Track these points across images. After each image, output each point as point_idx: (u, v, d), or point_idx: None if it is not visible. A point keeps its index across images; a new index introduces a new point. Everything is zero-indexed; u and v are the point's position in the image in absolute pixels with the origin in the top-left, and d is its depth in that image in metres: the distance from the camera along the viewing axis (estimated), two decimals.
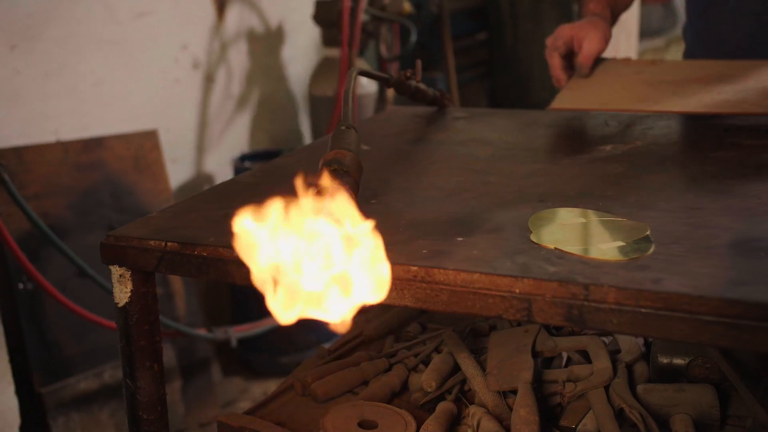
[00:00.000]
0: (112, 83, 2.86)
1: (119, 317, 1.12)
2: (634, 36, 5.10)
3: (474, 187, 1.25)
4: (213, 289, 3.30)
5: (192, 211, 1.21)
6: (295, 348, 3.16)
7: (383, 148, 1.53)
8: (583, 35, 1.66)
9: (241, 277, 1.02)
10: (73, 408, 2.54)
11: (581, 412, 1.17)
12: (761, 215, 1.06)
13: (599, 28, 1.68)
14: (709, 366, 1.19)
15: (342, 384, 1.31)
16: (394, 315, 1.53)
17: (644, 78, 1.56)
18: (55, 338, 2.54)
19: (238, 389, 3.10)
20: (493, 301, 0.90)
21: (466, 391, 1.27)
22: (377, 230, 0.79)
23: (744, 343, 0.80)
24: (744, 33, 1.76)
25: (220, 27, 3.31)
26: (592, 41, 1.66)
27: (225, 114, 3.38)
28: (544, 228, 1.04)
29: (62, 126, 2.70)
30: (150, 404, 1.14)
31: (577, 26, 1.69)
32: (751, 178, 1.23)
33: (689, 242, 0.97)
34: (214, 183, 3.29)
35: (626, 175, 1.27)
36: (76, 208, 2.64)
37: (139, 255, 1.08)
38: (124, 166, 2.78)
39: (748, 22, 1.74)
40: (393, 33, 3.63)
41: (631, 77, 1.58)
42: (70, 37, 2.71)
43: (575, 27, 1.68)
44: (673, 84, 1.51)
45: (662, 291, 0.84)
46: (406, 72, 1.63)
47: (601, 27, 1.69)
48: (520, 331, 1.33)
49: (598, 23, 1.69)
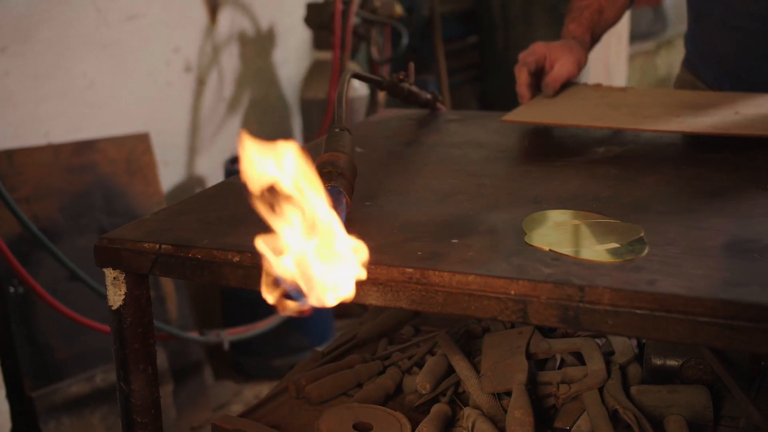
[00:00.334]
0: (104, 86, 2.85)
1: (113, 320, 1.12)
2: (625, 39, 5.12)
3: (468, 189, 1.25)
4: (204, 292, 3.29)
5: (186, 213, 1.20)
6: (287, 351, 3.15)
7: (377, 151, 1.54)
8: (556, 56, 1.63)
9: (235, 279, 1.02)
10: (64, 412, 2.52)
11: (575, 414, 1.17)
12: (754, 217, 1.06)
13: (574, 53, 1.65)
14: (702, 367, 1.20)
15: (336, 386, 1.31)
16: (388, 318, 1.53)
17: (608, 101, 1.54)
18: (46, 342, 2.53)
19: (231, 392, 3.10)
20: (489, 303, 0.91)
21: (460, 393, 1.27)
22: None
23: (739, 344, 0.80)
24: (731, 43, 1.77)
25: (212, 30, 3.30)
26: (564, 64, 1.63)
27: (217, 117, 3.38)
28: (538, 230, 1.04)
29: (53, 128, 2.69)
30: (144, 407, 1.14)
31: (552, 46, 1.66)
32: (744, 180, 1.23)
33: (683, 244, 0.97)
34: (205, 186, 3.28)
35: (620, 177, 1.28)
36: (68, 211, 2.63)
37: (133, 257, 1.08)
38: (115, 169, 2.78)
39: (734, 34, 1.75)
40: (384, 36, 3.63)
41: (595, 100, 1.56)
42: (62, 40, 2.70)
43: (550, 47, 1.65)
44: (634, 107, 1.49)
45: (657, 292, 0.84)
46: (399, 74, 1.63)
47: (576, 52, 1.66)
48: (513, 333, 1.33)
49: (574, 47, 1.67)
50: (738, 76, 1.79)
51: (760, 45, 1.73)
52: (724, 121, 1.33)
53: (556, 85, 1.62)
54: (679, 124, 1.31)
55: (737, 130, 1.26)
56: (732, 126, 1.28)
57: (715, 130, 1.27)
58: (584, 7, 1.74)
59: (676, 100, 1.53)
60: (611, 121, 1.37)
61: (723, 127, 1.28)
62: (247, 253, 1.01)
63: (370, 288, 0.95)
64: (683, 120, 1.35)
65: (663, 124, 1.32)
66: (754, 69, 1.76)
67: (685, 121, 1.34)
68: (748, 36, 1.72)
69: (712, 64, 1.85)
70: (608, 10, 1.75)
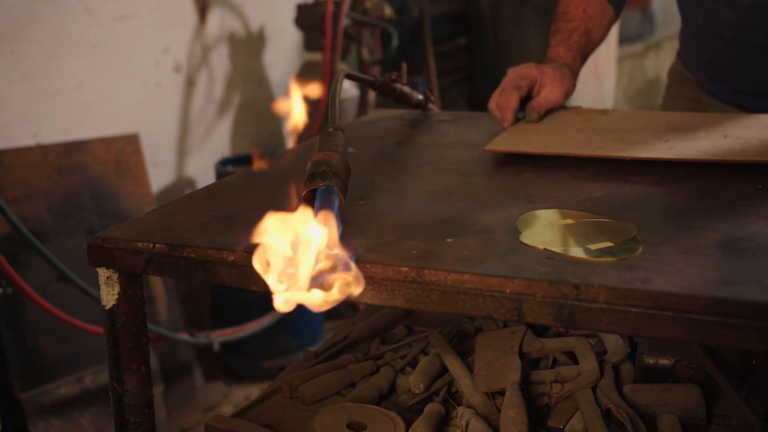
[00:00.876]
0: (93, 87, 2.84)
1: (106, 320, 1.11)
2: (614, 42, 5.14)
3: (461, 189, 1.26)
4: (194, 293, 3.29)
5: (179, 213, 1.20)
6: (277, 352, 3.15)
7: (369, 151, 1.54)
8: (546, 82, 1.59)
9: (230, 278, 1.01)
10: (53, 413, 2.51)
11: (569, 413, 1.18)
12: (747, 216, 1.07)
13: (564, 83, 1.61)
14: (694, 366, 1.20)
15: (329, 386, 1.31)
16: (380, 318, 1.53)
17: (592, 126, 1.53)
18: (35, 343, 2.51)
19: (220, 394, 3.09)
20: (484, 302, 0.91)
21: (453, 392, 1.27)
22: None
23: (734, 342, 0.81)
24: (713, 48, 1.78)
25: (202, 31, 3.30)
26: (552, 91, 1.59)
27: (206, 118, 3.37)
28: (532, 229, 1.05)
29: (43, 129, 2.68)
30: (138, 407, 1.14)
31: (544, 71, 1.60)
32: (737, 179, 1.24)
33: (676, 242, 0.98)
34: (195, 187, 3.28)
35: (611, 177, 1.28)
36: (57, 211, 2.62)
37: (126, 257, 1.08)
38: (105, 169, 2.77)
39: (715, 40, 1.76)
40: (375, 37, 3.63)
41: (579, 125, 1.54)
42: (51, 40, 2.69)
43: (543, 71, 1.60)
44: (620, 131, 1.48)
45: (652, 290, 0.84)
46: (392, 74, 1.63)
47: (566, 81, 1.62)
48: (506, 332, 1.34)
49: (566, 77, 1.62)
50: (723, 79, 1.80)
51: (742, 51, 1.73)
52: (715, 146, 1.34)
53: (541, 111, 1.58)
54: (669, 151, 1.32)
55: (731, 157, 1.27)
56: (725, 152, 1.29)
57: (707, 156, 1.28)
58: (572, 29, 1.69)
59: (662, 123, 1.52)
60: (599, 148, 1.37)
61: (715, 153, 1.29)
62: (242, 253, 1.00)
63: (366, 287, 0.95)
64: (673, 145, 1.35)
65: (653, 151, 1.32)
66: (737, 74, 1.77)
67: (675, 147, 1.34)
68: (730, 43, 1.73)
69: (699, 65, 1.86)
70: (594, 31, 1.72)
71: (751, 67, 1.74)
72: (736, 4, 1.69)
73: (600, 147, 1.37)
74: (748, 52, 1.73)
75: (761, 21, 1.68)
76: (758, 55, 1.72)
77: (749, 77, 1.76)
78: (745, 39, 1.71)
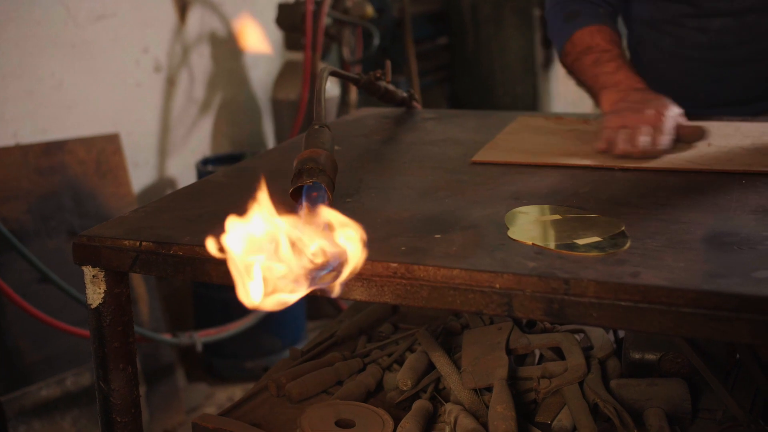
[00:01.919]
0: (73, 86, 2.82)
1: (92, 319, 1.10)
2: None
3: (448, 186, 1.26)
4: (176, 294, 3.27)
5: (165, 210, 1.19)
6: (260, 353, 3.14)
7: (355, 149, 1.54)
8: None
9: (218, 275, 1.01)
10: (34, 416, 2.49)
11: (556, 408, 1.18)
12: (731, 211, 1.08)
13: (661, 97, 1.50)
14: (680, 360, 1.21)
15: (317, 384, 1.30)
16: (366, 315, 1.53)
17: (576, 134, 1.54)
18: (16, 345, 2.49)
19: (203, 395, 3.07)
20: (474, 297, 0.91)
21: (441, 389, 1.27)
22: None
23: (722, 334, 0.81)
24: (681, 70, 1.76)
25: (182, 30, 3.28)
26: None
27: (187, 117, 3.36)
28: (520, 224, 1.05)
29: (21, 129, 2.65)
30: (124, 407, 1.13)
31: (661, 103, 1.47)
32: (722, 174, 1.25)
33: (664, 237, 0.99)
34: (177, 187, 3.26)
35: (597, 173, 1.29)
36: (36, 212, 2.59)
37: (113, 255, 1.07)
38: (85, 170, 2.74)
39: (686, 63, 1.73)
40: (356, 36, 3.63)
41: (563, 134, 1.54)
42: (30, 39, 2.66)
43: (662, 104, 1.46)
44: None
45: (641, 284, 0.85)
46: (376, 72, 1.63)
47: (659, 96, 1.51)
48: (493, 329, 1.34)
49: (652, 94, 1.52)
50: (695, 97, 1.73)
51: (715, 69, 1.73)
52: (701, 154, 1.35)
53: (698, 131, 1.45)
54: (658, 161, 1.33)
55: (719, 166, 1.28)
56: (712, 161, 1.31)
57: (694, 165, 1.30)
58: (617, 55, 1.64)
59: None
60: (588, 157, 1.38)
61: (701, 162, 1.31)
62: None
63: (355, 283, 0.95)
64: None
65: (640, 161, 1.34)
66: (710, 90, 1.76)
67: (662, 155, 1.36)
68: (701, 63, 1.73)
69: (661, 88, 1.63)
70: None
71: (725, 81, 1.74)
72: (706, 27, 1.68)
73: (588, 157, 1.38)
74: (722, 69, 1.72)
75: (734, 40, 1.68)
76: (733, 70, 1.72)
77: (723, 91, 1.75)
78: (717, 57, 1.70)
